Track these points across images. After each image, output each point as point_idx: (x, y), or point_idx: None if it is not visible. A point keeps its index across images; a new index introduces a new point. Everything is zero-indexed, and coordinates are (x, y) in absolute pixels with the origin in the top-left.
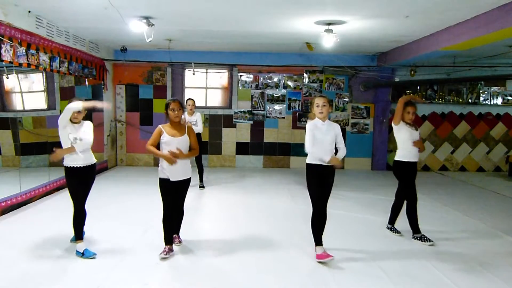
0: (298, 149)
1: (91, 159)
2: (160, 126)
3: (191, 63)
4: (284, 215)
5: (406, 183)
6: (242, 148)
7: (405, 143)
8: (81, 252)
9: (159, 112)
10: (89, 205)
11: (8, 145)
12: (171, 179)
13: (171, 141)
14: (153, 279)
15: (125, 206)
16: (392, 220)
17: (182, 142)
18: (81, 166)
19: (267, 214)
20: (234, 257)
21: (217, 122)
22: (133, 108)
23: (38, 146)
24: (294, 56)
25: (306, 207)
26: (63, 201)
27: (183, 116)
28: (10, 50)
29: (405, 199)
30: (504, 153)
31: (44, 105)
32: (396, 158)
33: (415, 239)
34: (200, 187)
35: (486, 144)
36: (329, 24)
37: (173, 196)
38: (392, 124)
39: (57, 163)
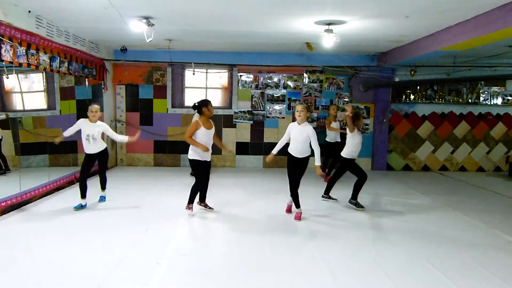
0: None
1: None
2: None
3: (191, 63)
4: (284, 215)
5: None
6: (242, 148)
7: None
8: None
9: (159, 112)
10: (88, 205)
11: (8, 145)
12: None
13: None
14: (153, 279)
15: (125, 206)
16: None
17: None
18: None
19: (267, 215)
20: (234, 257)
21: (217, 122)
22: (133, 108)
23: (38, 146)
24: (294, 56)
25: (305, 207)
26: (63, 201)
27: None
28: (10, 50)
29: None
30: (504, 153)
31: (44, 105)
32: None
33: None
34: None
35: (486, 144)
36: (329, 24)
37: (206, 171)
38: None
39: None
